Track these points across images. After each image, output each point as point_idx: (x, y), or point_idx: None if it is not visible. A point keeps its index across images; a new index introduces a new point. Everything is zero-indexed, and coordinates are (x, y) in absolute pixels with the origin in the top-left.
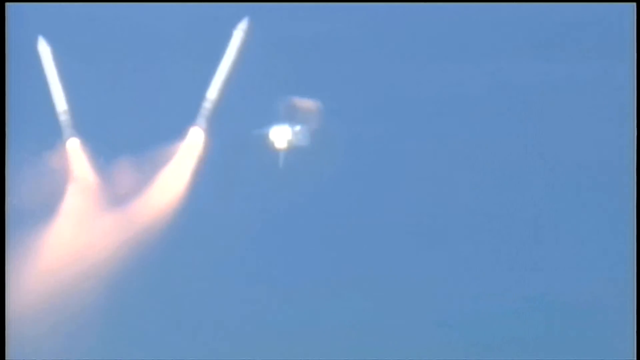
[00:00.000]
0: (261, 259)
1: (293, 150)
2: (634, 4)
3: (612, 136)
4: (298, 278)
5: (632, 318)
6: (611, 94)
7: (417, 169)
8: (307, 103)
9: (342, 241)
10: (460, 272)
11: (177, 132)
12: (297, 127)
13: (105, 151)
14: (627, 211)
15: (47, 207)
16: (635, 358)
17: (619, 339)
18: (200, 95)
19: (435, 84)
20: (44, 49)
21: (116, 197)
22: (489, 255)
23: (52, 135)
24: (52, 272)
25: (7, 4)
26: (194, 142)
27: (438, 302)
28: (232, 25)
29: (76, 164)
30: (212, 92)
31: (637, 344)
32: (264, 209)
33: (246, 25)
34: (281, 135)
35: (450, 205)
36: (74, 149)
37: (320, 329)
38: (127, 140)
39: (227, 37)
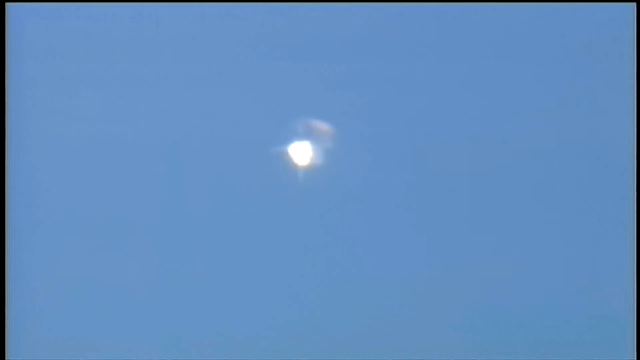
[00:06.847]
0: (283, 275)
1: (313, 167)
2: (634, 4)
3: (611, 136)
4: (318, 292)
5: (632, 318)
6: (610, 95)
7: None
8: (323, 125)
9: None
10: (460, 272)
11: None
12: (316, 144)
13: None
14: (628, 211)
15: None
16: (635, 358)
17: (618, 340)
18: None
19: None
20: None
21: None
22: (487, 255)
23: None
24: None
25: (7, 4)
26: None
27: (437, 303)
28: None
29: None
30: None
31: (637, 344)
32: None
33: None
34: (301, 152)
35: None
36: None
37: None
38: None
39: None
